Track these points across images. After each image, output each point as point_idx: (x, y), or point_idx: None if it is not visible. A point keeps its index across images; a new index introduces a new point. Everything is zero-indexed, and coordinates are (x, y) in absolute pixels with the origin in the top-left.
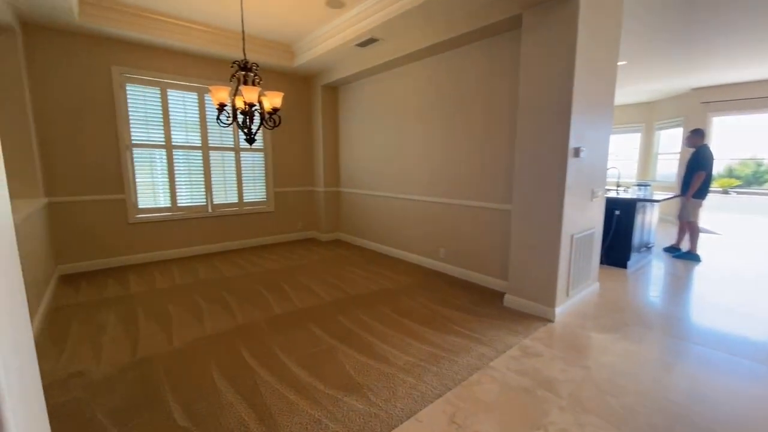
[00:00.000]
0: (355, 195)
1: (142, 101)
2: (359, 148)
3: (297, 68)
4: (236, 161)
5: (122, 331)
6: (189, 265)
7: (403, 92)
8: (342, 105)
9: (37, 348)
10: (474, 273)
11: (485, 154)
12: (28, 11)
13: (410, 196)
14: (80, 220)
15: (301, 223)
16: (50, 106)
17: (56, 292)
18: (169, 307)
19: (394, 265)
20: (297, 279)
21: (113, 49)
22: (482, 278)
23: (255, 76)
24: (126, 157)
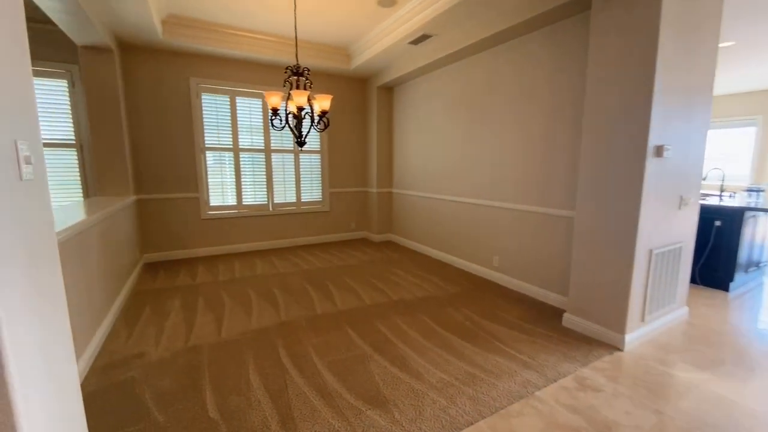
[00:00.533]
0: (407, 196)
1: (214, 108)
2: (412, 149)
3: (353, 70)
4: (295, 163)
5: (182, 318)
6: (249, 259)
7: (457, 90)
8: (396, 105)
9: (112, 328)
10: (530, 285)
11: (546, 154)
12: (123, 33)
13: (463, 199)
14: (162, 215)
15: (354, 224)
16: (139, 114)
17: (139, 277)
18: (225, 299)
19: (442, 270)
20: (343, 279)
21: (191, 62)
22: (539, 292)
23: (306, 80)
24: (200, 159)
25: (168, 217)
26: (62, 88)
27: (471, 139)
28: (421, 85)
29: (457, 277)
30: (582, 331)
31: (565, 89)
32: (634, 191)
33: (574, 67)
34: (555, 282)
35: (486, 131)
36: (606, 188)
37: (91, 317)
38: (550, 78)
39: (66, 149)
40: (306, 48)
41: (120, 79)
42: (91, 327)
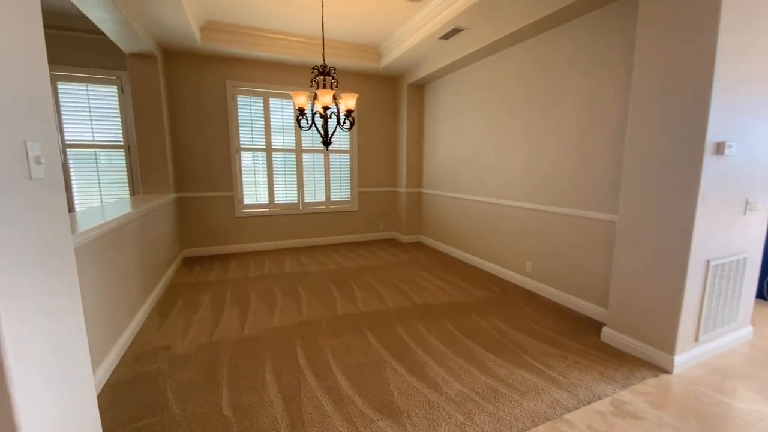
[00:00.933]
0: (436, 197)
1: (248, 110)
2: (442, 148)
3: (383, 69)
4: (325, 162)
5: (210, 312)
6: (279, 257)
7: (489, 86)
8: (427, 104)
9: (147, 318)
10: (565, 294)
11: (585, 151)
12: (165, 40)
13: (494, 200)
14: (200, 212)
15: (383, 224)
16: (181, 117)
17: (177, 271)
18: (252, 295)
19: (471, 275)
20: (367, 280)
21: (227, 66)
22: (576, 302)
23: (333, 79)
24: (235, 159)
25: (205, 214)
26: (113, 94)
27: (503, 137)
28: (451, 82)
29: (486, 282)
30: (623, 349)
31: (606, 80)
32: (688, 193)
33: (615, 57)
34: (593, 292)
35: (519, 128)
36: (655, 190)
37: (127, 309)
38: (589, 69)
39: (115, 150)
40: (336, 48)
41: (163, 83)
42: (127, 318)
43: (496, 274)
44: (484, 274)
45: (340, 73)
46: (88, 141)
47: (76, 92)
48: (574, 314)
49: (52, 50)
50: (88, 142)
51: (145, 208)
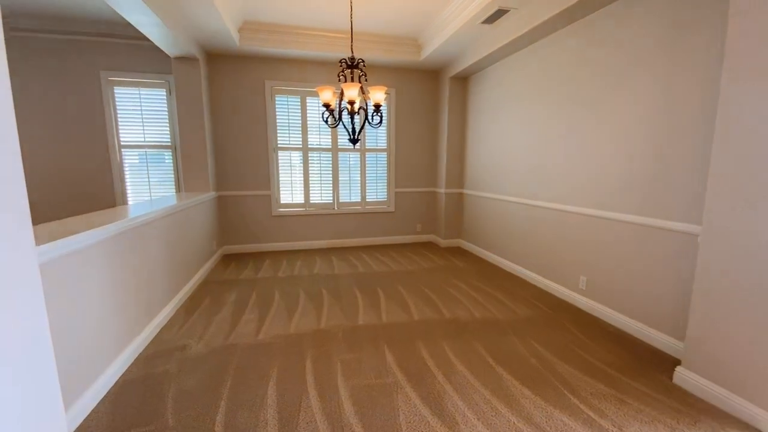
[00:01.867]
0: (479, 198)
1: (286, 109)
2: (487, 145)
3: (424, 62)
4: (361, 161)
5: (232, 313)
6: (311, 257)
7: (539, 74)
8: (471, 97)
9: (174, 315)
10: (628, 319)
11: (660, 149)
12: (205, 42)
13: (544, 203)
14: (239, 210)
15: (420, 226)
16: (223, 118)
17: (214, 267)
18: (276, 297)
19: (514, 287)
20: (396, 287)
21: (266, 66)
22: (641, 329)
23: (361, 73)
24: (273, 158)
25: (244, 212)
26: (162, 96)
27: (554, 132)
28: (497, 72)
29: (531, 297)
30: (703, 397)
31: (686, 54)
32: None
33: (701, 37)
34: (665, 318)
35: (573, 121)
36: (757, 193)
37: (149, 305)
38: (664, 42)
39: (164, 150)
40: (373, 42)
41: (205, 85)
42: (148, 315)
43: (543, 288)
44: (528, 288)
45: (377, 68)
46: (140, 142)
47: (130, 96)
48: (639, 345)
49: (108, 58)
50: (140, 143)
51: (168, 207)
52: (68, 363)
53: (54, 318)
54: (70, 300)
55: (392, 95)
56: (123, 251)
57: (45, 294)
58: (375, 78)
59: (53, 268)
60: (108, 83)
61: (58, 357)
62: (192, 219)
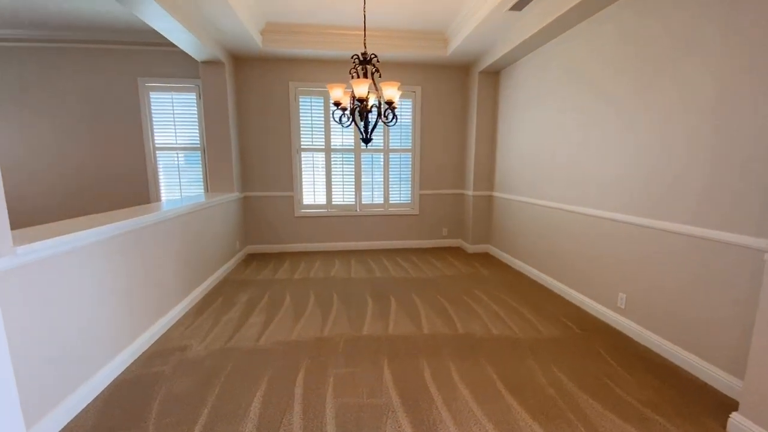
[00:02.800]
0: (510, 202)
1: (309, 110)
2: (519, 144)
3: (452, 56)
4: (384, 162)
5: (239, 315)
6: (330, 259)
7: (577, 64)
8: (502, 92)
9: (186, 313)
10: (673, 346)
11: (722, 148)
12: (230, 46)
13: (581, 209)
14: (263, 211)
15: (447, 230)
16: (247, 120)
17: (236, 266)
18: (286, 299)
19: (542, 301)
20: (410, 295)
21: (290, 68)
22: (689, 360)
23: (374, 69)
24: (296, 159)
25: (268, 213)
26: (192, 100)
27: (595, 129)
28: (531, 64)
29: (560, 314)
30: None
31: (752, 32)
32: None
33: None
34: (721, 349)
35: (619, 117)
36: None
37: (158, 304)
38: (724, 21)
39: (193, 152)
40: (398, 38)
41: (231, 89)
42: (156, 313)
43: (575, 304)
44: (558, 302)
45: (403, 66)
46: (172, 144)
47: (164, 100)
48: (686, 380)
49: (144, 65)
50: (172, 145)
51: (180, 208)
52: (50, 363)
53: (36, 319)
54: (55, 300)
55: (418, 93)
56: (124, 253)
57: (25, 295)
58: (401, 76)
59: (32, 270)
60: (145, 89)
61: (39, 358)
62: (213, 219)
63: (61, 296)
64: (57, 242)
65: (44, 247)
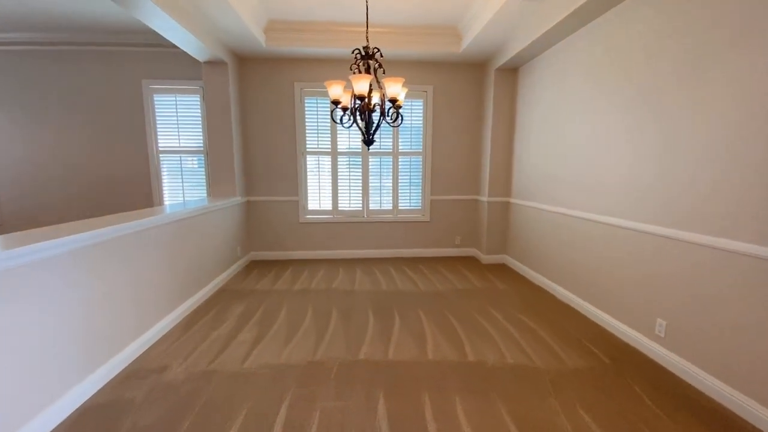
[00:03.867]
0: (529, 209)
1: (315, 111)
2: (539, 146)
3: (465, 53)
4: (393, 166)
5: (230, 330)
6: (335, 268)
7: (605, 58)
8: (521, 90)
9: (174, 327)
10: (724, 386)
11: None
12: (232, 45)
13: (613, 220)
14: (267, 216)
15: (460, 239)
16: (251, 122)
17: (236, 274)
18: (282, 314)
19: (566, 323)
20: (417, 312)
21: (295, 67)
22: (743, 403)
23: (377, 64)
24: (301, 163)
25: (271, 218)
26: (196, 103)
27: (631, 129)
28: (553, 59)
29: (587, 339)
30: None
31: None
32: None
33: None
34: None
35: (653, 115)
36: None
37: (141, 319)
38: None
39: (197, 155)
40: (407, 34)
41: (234, 89)
42: (135, 330)
43: (605, 329)
44: (585, 325)
45: (413, 64)
46: (175, 147)
47: (168, 103)
48: (740, 427)
49: (148, 67)
50: (175, 148)
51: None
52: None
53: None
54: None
55: (429, 93)
56: (104, 262)
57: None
58: (411, 75)
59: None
60: (149, 91)
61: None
62: (211, 225)
63: (24, 310)
64: (15, 254)
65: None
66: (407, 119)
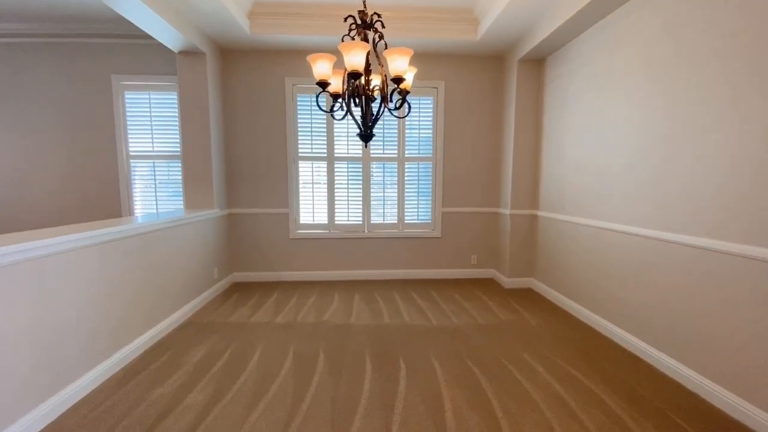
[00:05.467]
0: (561, 224)
1: (309, 111)
2: (574, 150)
3: (483, 42)
4: (399, 173)
5: (178, 387)
6: (329, 292)
7: (664, 39)
8: (549, 84)
9: (105, 381)
10: None
11: None
12: (212, 33)
13: (672, 236)
14: (252, 231)
15: (477, 258)
16: (235, 123)
17: (211, 300)
18: (254, 360)
19: (636, 382)
20: (429, 360)
21: (286, 60)
22: None
23: (377, 35)
24: (292, 170)
25: (257, 234)
26: (172, 101)
27: (692, 127)
28: (590, 44)
29: (664, 403)
30: None
31: None
32: None
33: None
34: None
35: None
36: None
37: (51, 378)
38: None
39: (173, 160)
40: (413, 19)
41: (212, 84)
42: (47, 389)
43: (695, 393)
44: (664, 386)
45: (421, 56)
46: (148, 152)
47: (140, 101)
48: None
49: (119, 60)
50: (148, 152)
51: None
52: None
53: None
54: None
55: (440, 89)
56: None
57: None
58: (419, 70)
59: None
60: (119, 87)
61: None
62: (176, 243)
63: None
64: None
65: None
66: (415, 119)
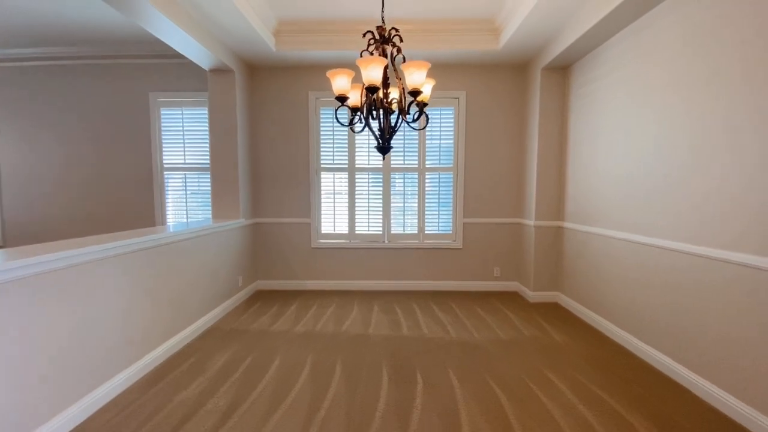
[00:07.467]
0: (589, 236)
1: (331, 123)
2: (602, 159)
3: (504, 51)
4: (419, 184)
5: (200, 392)
6: (348, 303)
7: (701, 39)
8: (575, 92)
9: (134, 383)
10: None
11: None
12: (240, 51)
13: (714, 253)
14: (275, 240)
15: (500, 270)
16: (260, 136)
17: (235, 308)
18: (272, 368)
19: (673, 410)
20: (447, 376)
21: (309, 75)
22: None
23: (395, 50)
24: (314, 181)
25: (281, 243)
26: (203, 116)
27: (735, 128)
28: (619, 49)
29: (704, 428)
30: None
31: None
32: None
33: None
34: None
35: None
36: None
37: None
38: None
39: (203, 172)
40: (433, 31)
41: (240, 100)
42: (74, 392)
43: (727, 415)
44: (692, 406)
45: (442, 67)
46: (180, 164)
47: (174, 116)
48: None
49: (156, 78)
50: (180, 164)
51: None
52: None
53: None
54: None
55: (461, 100)
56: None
57: None
58: (440, 80)
59: None
60: (156, 104)
61: None
62: (203, 251)
63: None
64: None
65: None
66: (435, 129)
